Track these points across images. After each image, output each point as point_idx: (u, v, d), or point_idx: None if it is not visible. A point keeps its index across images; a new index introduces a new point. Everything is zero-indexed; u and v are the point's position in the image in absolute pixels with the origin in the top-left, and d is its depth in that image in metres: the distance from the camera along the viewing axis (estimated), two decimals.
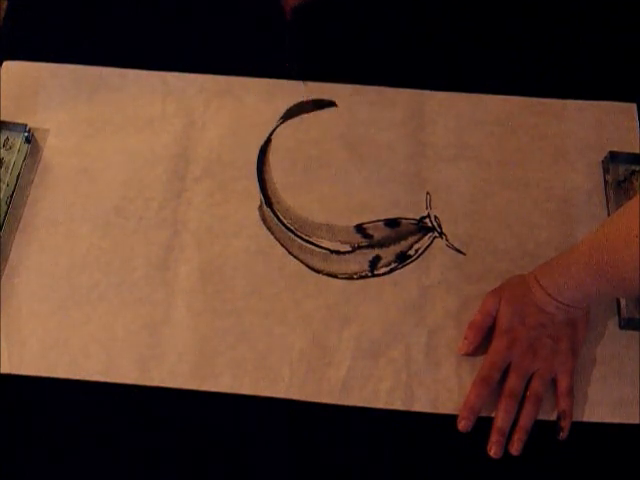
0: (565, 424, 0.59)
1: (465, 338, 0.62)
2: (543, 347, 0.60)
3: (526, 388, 0.60)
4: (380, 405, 0.60)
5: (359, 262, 0.66)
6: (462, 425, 0.59)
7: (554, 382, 0.60)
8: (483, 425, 0.59)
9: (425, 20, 0.78)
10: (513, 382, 0.59)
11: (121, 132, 0.72)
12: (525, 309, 0.60)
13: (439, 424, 0.60)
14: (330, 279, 0.65)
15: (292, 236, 0.67)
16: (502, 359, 0.60)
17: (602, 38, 0.77)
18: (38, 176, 0.69)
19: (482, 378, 0.60)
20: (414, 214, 0.68)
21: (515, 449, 0.58)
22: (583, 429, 0.59)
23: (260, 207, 0.68)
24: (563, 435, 0.59)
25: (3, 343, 0.62)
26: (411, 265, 0.66)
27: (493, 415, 0.59)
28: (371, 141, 0.72)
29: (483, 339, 0.62)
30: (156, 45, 0.77)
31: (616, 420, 0.60)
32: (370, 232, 0.67)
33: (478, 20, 0.78)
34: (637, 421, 0.60)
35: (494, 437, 0.58)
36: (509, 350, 0.60)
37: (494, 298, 0.62)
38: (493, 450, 0.58)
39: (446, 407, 0.60)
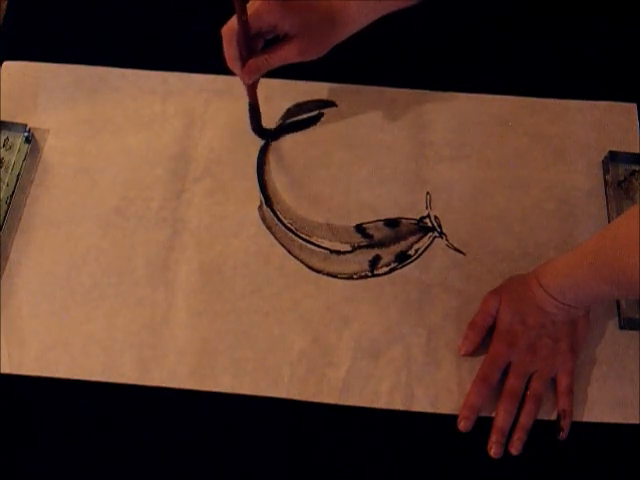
0: (565, 424, 0.59)
1: (465, 338, 0.62)
2: (543, 347, 0.60)
3: (526, 388, 0.60)
4: (380, 405, 0.60)
5: (359, 262, 0.66)
6: (462, 425, 0.59)
7: (554, 382, 0.60)
8: (483, 425, 0.59)
9: (425, 20, 0.78)
10: (513, 382, 0.59)
11: (121, 132, 0.72)
12: (525, 309, 0.60)
13: (439, 424, 0.60)
14: (330, 279, 0.65)
15: (292, 236, 0.67)
16: (502, 359, 0.60)
17: (602, 38, 0.77)
18: (38, 176, 0.69)
19: (482, 378, 0.60)
20: (414, 214, 0.68)
21: (515, 449, 0.58)
22: (583, 429, 0.59)
23: (260, 207, 0.68)
24: (563, 435, 0.59)
25: (3, 343, 0.62)
26: (411, 265, 0.66)
27: (493, 415, 0.59)
28: (371, 141, 0.71)
29: (483, 339, 0.62)
30: (156, 45, 0.77)
31: (616, 420, 0.60)
32: (370, 232, 0.67)
33: (478, 20, 0.78)
34: (637, 421, 0.60)
35: (494, 437, 0.58)
36: (509, 350, 0.60)
37: (494, 298, 0.62)
38: (493, 450, 0.58)
39: (446, 407, 0.60)
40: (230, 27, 0.58)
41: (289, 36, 0.58)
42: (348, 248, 0.67)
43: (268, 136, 0.71)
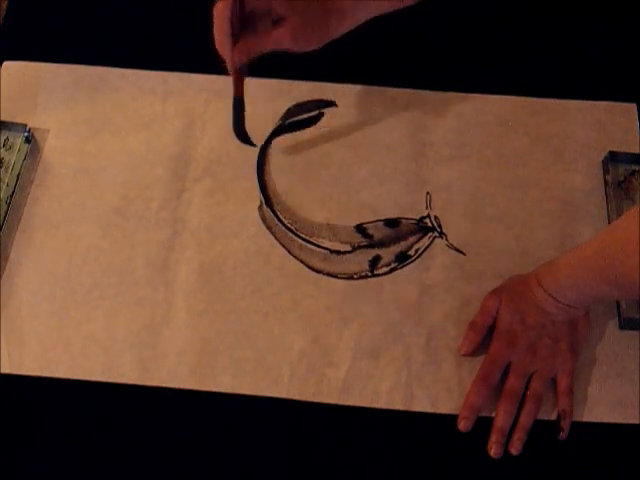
0: (565, 424, 0.59)
1: (465, 338, 0.62)
2: (543, 347, 0.60)
3: (526, 388, 0.60)
4: (380, 405, 0.60)
5: (359, 262, 0.66)
6: (462, 425, 0.59)
7: (554, 382, 0.60)
8: (483, 425, 0.59)
9: (425, 20, 0.78)
10: (513, 382, 0.59)
11: (121, 132, 0.72)
12: (525, 309, 0.61)
13: (439, 424, 0.60)
14: (330, 279, 0.65)
15: (292, 236, 0.67)
16: (502, 359, 0.60)
17: (602, 38, 0.77)
18: (38, 176, 0.69)
19: (482, 378, 0.60)
20: (414, 214, 0.68)
21: (515, 449, 0.58)
22: (583, 429, 0.59)
23: (260, 207, 0.68)
24: (563, 435, 0.59)
25: (3, 343, 0.62)
26: (411, 265, 0.66)
27: (493, 415, 0.59)
28: (371, 141, 0.71)
29: (483, 339, 0.62)
30: (156, 45, 0.77)
31: (616, 420, 0.60)
32: (370, 232, 0.67)
33: (478, 20, 0.78)
34: (637, 421, 0.60)
35: (494, 437, 0.58)
36: (509, 350, 0.60)
37: (494, 298, 0.62)
38: (493, 450, 0.58)
39: (446, 407, 0.60)
40: (224, 3, 0.55)
41: (284, 20, 0.57)
42: (348, 248, 0.67)
43: (250, 142, 0.67)
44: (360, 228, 0.67)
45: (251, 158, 0.71)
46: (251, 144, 0.67)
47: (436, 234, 0.67)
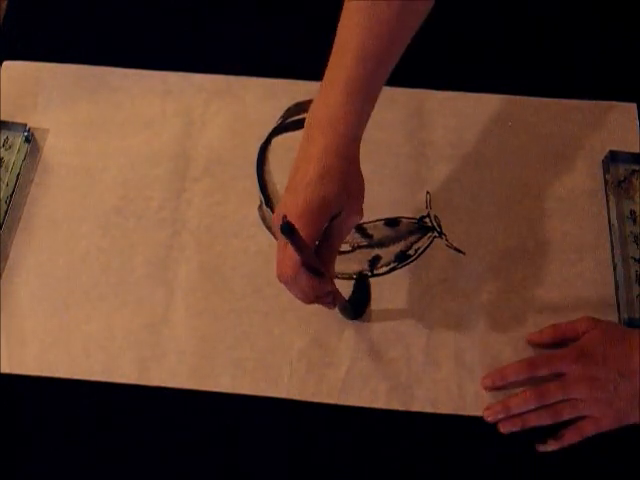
0: (553, 445, 0.58)
1: (540, 331, 0.61)
2: (603, 389, 0.57)
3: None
4: (379, 405, 0.60)
5: (359, 262, 0.66)
6: (486, 381, 0.59)
7: (580, 418, 0.58)
8: (483, 425, 0.59)
9: (425, 20, 0.78)
10: (553, 389, 0.57)
11: (121, 132, 0.72)
12: (614, 351, 0.58)
13: (439, 424, 0.60)
14: None
15: None
16: (563, 365, 0.58)
17: (602, 38, 0.77)
18: (38, 176, 0.69)
19: (531, 361, 0.59)
20: (414, 214, 0.68)
21: (504, 427, 0.58)
22: None
23: (260, 207, 0.68)
24: (543, 449, 0.58)
25: (3, 343, 0.62)
26: (411, 265, 0.66)
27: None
28: (371, 141, 0.71)
29: (550, 344, 0.61)
30: (156, 45, 0.77)
31: None
32: (370, 232, 0.67)
33: (479, 20, 0.78)
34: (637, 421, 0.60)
35: (497, 406, 0.58)
36: (575, 364, 0.57)
37: (591, 322, 0.60)
38: (487, 412, 0.58)
39: (446, 407, 0.60)
40: (291, 267, 0.49)
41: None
42: (348, 248, 0.67)
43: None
44: (360, 228, 0.67)
45: (251, 158, 0.71)
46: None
47: (436, 234, 0.67)
